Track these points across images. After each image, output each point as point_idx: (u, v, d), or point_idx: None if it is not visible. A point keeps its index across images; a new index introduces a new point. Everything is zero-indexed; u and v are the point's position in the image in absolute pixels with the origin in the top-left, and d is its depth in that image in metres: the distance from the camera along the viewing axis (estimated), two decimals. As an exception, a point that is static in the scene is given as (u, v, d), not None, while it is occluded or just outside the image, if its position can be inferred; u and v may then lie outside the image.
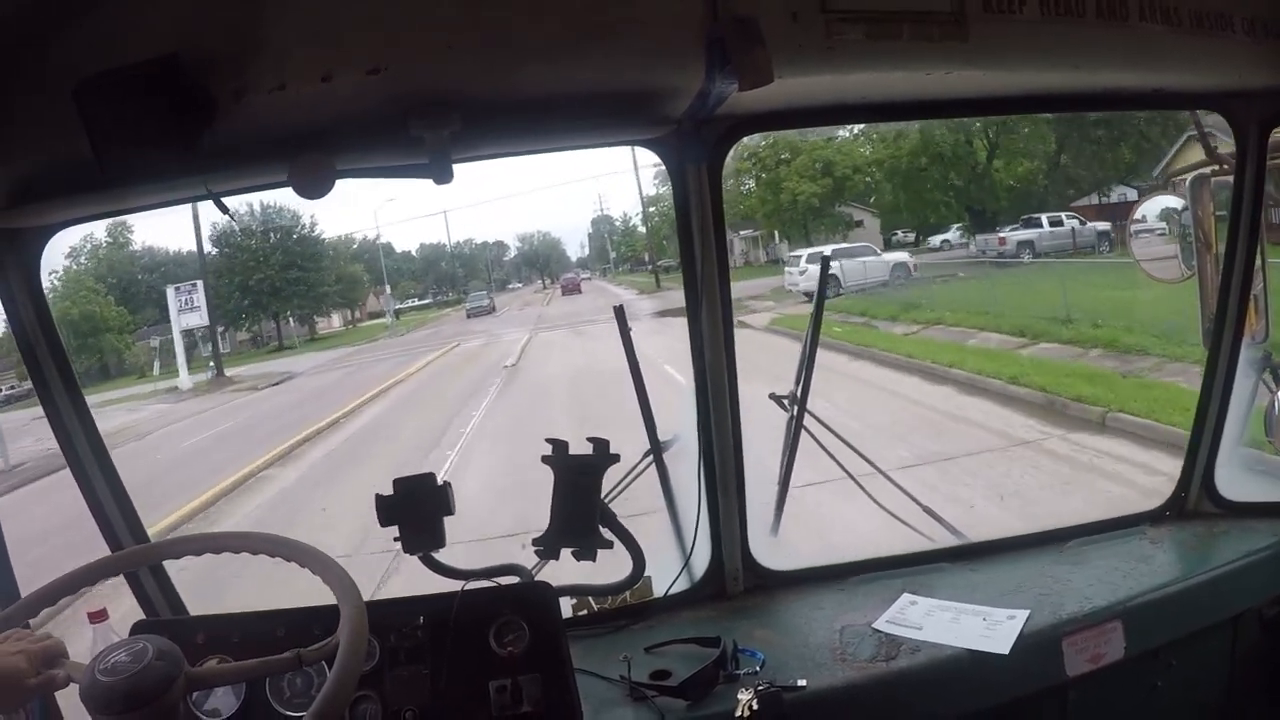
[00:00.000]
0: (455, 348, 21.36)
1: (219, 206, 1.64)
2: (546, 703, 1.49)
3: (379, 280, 34.45)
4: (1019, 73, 1.71)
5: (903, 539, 2.19)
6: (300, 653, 1.19)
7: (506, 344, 19.86)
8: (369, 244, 34.21)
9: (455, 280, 39.59)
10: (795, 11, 1.45)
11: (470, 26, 1.40)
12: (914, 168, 22.07)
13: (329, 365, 21.45)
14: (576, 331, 19.72)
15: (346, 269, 29.98)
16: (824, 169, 23.31)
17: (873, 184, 24.18)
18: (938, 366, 10.33)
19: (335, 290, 28.20)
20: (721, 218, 1.80)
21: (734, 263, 28.09)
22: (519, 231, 51.19)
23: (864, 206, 24.99)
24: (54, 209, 1.58)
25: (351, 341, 27.65)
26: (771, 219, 24.97)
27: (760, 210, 24.83)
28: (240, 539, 1.33)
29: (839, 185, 23.54)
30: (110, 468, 1.79)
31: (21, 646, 1.19)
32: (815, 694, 1.59)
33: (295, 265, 25.08)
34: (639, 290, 28.50)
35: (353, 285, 30.36)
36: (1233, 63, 1.80)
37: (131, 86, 1.32)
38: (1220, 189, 2.10)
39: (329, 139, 1.49)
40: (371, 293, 32.50)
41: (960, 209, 22.79)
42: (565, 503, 1.73)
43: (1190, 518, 2.16)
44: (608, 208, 50.35)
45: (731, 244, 27.45)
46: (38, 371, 1.70)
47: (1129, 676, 1.78)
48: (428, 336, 26.34)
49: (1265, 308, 2.13)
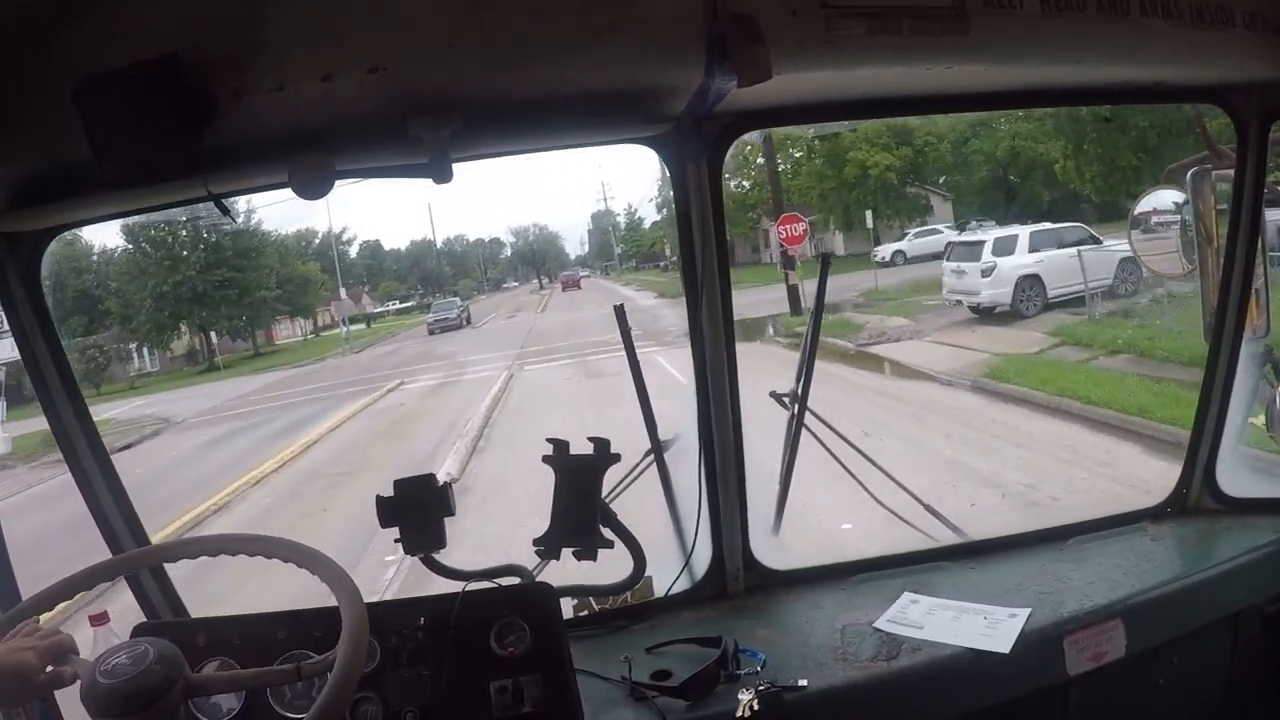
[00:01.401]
0: (392, 390, 15.13)
1: (219, 207, 1.64)
2: (547, 703, 1.49)
3: (359, 282, 30.27)
4: (1020, 67, 1.70)
5: (904, 538, 2.19)
6: (300, 666, 1.19)
7: (468, 391, 13.63)
8: (341, 239, 29.52)
9: (443, 280, 36.26)
10: (795, 8, 1.45)
11: (470, 26, 1.40)
12: (1098, 118, 13.78)
13: (226, 409, 15.87)
14: (585, 368, 13.85)
15: (296, 269, 24.50)
16: (899, 136, 18.46)
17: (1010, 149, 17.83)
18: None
19: (276, 295, 22.36)
20: (722, 215, 1.80)
21: (772, 258, 21.19)
22: (513, 225, 46.92)
23: (933, 189, 20.23)
24: (54, 211, 1.58)
25: (298, 359, 22.61)
26: (830, 200, 19.46)
27: (816, 189, 19.56)
28: (241, 541, 1.32)
29: (919, 156, 18.68)
30: (110, 469, 1.79)
31: (31, 643, 1.20)
32: (816, 694, 1.59)
33: (224, 264, 19.88)
34: (657, 293, 23.25)
35: (304, 288, 24.70)
36: (1233, 56, 1.79)
37: (131, 86, 1.32)
38: (1221, 182, 2.10)
39: (329, 139, 1.49)
40: (329, 299, 26.45)
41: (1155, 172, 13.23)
42: (566, 502, 1.73)
43: (1191, 514, 2.15)
44: (612, 197, 46.12)
45: (767, 234, 25.14)
46: (38, 372, 1.70)
47: (1130, 674, 1.78)
48: (384, 356, 21.20)
49: (1266, 302, 2.13)
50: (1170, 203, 2.30)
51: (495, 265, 40.71)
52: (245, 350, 23.66)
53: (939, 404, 9.07)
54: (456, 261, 38.15)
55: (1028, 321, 11.41)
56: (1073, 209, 16.96)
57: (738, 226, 24.25)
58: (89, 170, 1.37)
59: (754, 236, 25.99)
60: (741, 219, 23.84)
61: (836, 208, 19.81)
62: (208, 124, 1.39)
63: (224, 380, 19.77)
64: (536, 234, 41.73)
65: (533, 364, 15.96)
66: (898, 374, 10.70)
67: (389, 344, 24.49)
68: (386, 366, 18.73)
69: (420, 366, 17.97)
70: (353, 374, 18.25)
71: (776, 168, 19.58)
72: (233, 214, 1.74)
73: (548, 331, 20.37)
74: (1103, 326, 10.49)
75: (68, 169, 1.45)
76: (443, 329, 24.09)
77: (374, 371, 18.07)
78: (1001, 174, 20.17)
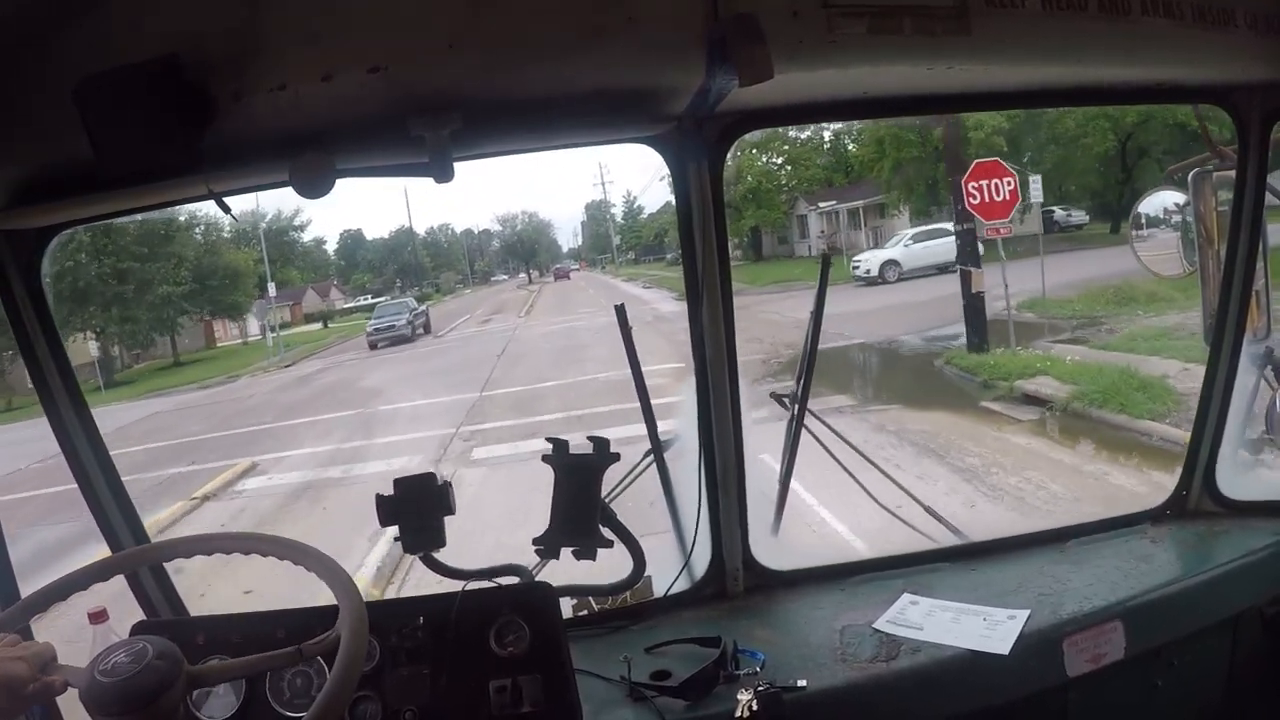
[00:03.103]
0: (228, 485, 9.50)
1: (220, 206, 1.64)
2: (546, 703, 1.49)
3: (331, 274, 24.75)
4: (1021, 67, 1.70)
5: (903, 538, 2.19)
6: (301, 647, 1.19)
7: (346, 512, 7.39)
8: (288, 224, 23.35)
9: (422, 272, 32.39)
10: (796, 8, 1.45)
11: (470, 25, 1.40)
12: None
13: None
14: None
15: (223, 258, 19.43)
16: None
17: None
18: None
19: (187, 292, 17.69)
20: (723, 214, 1.81)
21: (809, 249, 19.46)
22: (500, 213, 40.50)
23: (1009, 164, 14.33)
24: (54, 210, 1.58)
25: (209, 375, 17.55)
26: (908, 173, 14.76)
27: (891, 158, 14.94)
28: (241, 540, 1.33)
29: (1030, 118, 13.98)
30: (110, 468, 1.79)
31: (17, 653, 1.17)
32: (815, 694, 1.59)
33: (120, 253, 15.23)
34: (678, 293, 14.92)
35: (233, 282, 19.56)
36: (1235, 56, 1.79)
37: (132, 86, 1.32)
38: (1222, 183, 2.09)
39: (329, 138, 1.49)
40: (274, 297, 20.52)
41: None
42: (565, 502, 1.72)
43: (1191, 516, 2.15)
44: (611, 181, 40.91)
45: (805, 223, 22.49)
46: (38, 371, 1.70)
47: (1129, 676, 1.78)
48: (299, 383, 16.02)
49: (1267, 304, 2.12)
50: (1171, 204, 2.29)
51: (484, 258, 36.81)
52: (164, 359, 18.85)
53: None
54: (441, 253, 34.45)
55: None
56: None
57: (772, 211, 21.75)
58: (89, 169, 1.37)
59: (786, 223, 23.42)
60: (772, 202, 21.58)
61: (917, 182, 15.13)
62: (208, 123, 1.39)
63: (106, 405, 13.75)
64: (525, 222, 36.75)
65: (484, 451, 9.18)
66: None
67: (319, 359, 18.70)
68: (283, 406, 13.38)
69: (323, 416, 12.22)
70: (235, 414, 13.36)
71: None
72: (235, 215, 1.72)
73: (528, 352, 14.68)
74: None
75: (68, 168, 1.45)
76: (388, 341, 17.80)
77: (258, 417, 12.62)
78: (1120, 148, 15.08)
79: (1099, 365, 8.80)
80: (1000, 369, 9.29)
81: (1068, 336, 10.63)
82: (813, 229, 20.54)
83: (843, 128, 19.22)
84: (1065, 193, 15.30)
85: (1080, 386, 8.11)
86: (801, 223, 23.33)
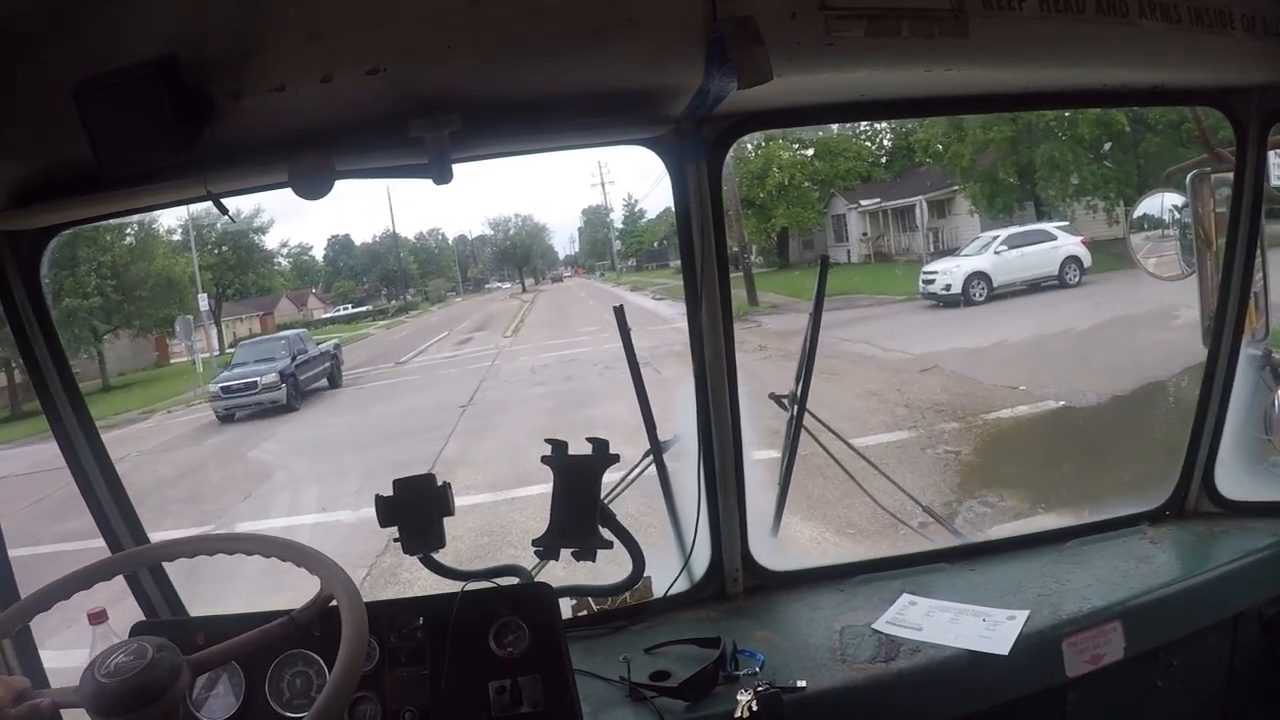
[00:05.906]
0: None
1: (219, 207, 1.64)
2: (546, 704, 1.49)
3: (312, 282, 21.90)
4: (1019, 69, 1.71)
5: (902, 539, 2.19)
6: (293, 615, 1.20)
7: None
8: (246, 225, 19.61)
9: (409, 279, 30.29)
10: (794, 10, 1.45)
11: (470, 27, 1.40)
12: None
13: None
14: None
15: (155, 265, 16.66)
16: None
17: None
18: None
19: (96, 306, 15.35)
20: (722, 216, 1.81)
21: (850, 256, 15.77)
22: (491, 217, 37.09)
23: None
24: (54, 210, 1.58)
25: (130, 406, 14.65)
26: (1001, 153, 11.95)
27: (970, 143, 12.25)
28: (240, 540, 1.33)
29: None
30: (110, 468, 1.79)
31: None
32: (815, 695, 1.59)
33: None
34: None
35: (167, 292, 16.77)
36: (1232, 59, 1.79)
37: (131, 86, 1.32)
38: (1220, 185, 2.10)
39: (329, 139, 1.49)
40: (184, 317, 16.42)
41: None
42: (565, 503, 1.72)
43: (1190, 517, 2.15)
44: (611, 181, 37.01)
45: (843, 221, 17.95)
46: (38, 372, 1.70)
47: (1129, 677, 1.78)
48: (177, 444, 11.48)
49: (1265, 305, 2.13)
50: (1169, 205, 2.30)
51: (477, 264, 34.49)
52: (94, 381, 16.10)
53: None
54: (432, 259, 32.30)
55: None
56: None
57: (806, 210, 17.99)
58: (89, 170, 1.37)
59: (820, 224, 19.40)
60: (806, 199, 17.83)
61: (1007, 168, 12.32)
62: (207, 124, 1.39)
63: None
64: (519, 225, 33.89)
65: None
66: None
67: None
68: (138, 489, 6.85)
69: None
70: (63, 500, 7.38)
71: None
72: (234, 216, 1.73)
73: (506, 401, 9.78)
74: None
75: (68, 169, 1.45)
76: (255, 408, 11.16)
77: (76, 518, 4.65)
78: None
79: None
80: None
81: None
82: (853, 231, 16.47)
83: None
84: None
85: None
86: (839, 223, 19.30)
